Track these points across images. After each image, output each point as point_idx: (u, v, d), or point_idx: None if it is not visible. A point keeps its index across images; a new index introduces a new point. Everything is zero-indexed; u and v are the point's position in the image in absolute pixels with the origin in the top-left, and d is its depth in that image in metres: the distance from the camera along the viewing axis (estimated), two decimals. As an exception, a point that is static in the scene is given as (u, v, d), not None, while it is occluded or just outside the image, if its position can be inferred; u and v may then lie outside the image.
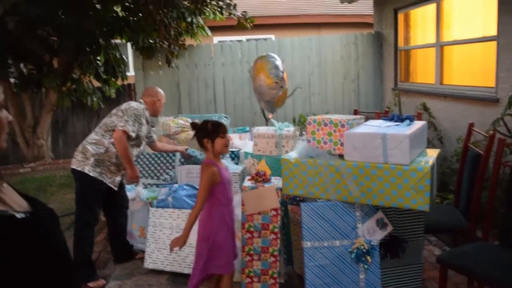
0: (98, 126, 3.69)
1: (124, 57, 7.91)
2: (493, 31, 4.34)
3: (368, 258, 2.58)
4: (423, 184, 2.38)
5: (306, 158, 2.75)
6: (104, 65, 7.67)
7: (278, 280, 3.00)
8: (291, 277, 3.35)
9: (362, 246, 2.58)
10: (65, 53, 7.17)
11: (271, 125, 4.06)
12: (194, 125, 2.86)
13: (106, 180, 3.56)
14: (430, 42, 5.62)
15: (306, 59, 7.02)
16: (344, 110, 7.06)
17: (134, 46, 6.69)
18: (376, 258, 2.61)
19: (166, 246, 3.60)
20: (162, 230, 3.67)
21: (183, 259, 3.55)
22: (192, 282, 2.77)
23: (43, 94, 8.01)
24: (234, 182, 3.58)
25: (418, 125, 2.72)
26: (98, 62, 7.60)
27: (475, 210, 3.07)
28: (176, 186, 3.87)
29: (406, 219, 2.73)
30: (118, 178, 3.68)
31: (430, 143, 5.07)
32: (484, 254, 2.60)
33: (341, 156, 2.69)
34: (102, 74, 7.68)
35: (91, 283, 3.47)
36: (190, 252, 3.45)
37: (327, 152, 2.75)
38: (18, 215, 0.97)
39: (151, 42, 6.58)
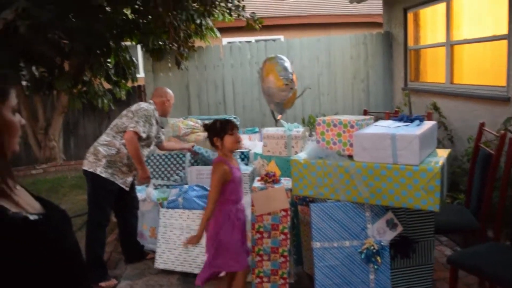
0: (109, 128, 3.72)
1: (134, 59, 7.97)
2: (504, 30, 4.30)
3: (378, 258, 2.58)
4: (433, 184, 2.37)
5: (315, 159, 2.75)
6: (114, 67, 7.74)
7: (288, 280, 3.00)
8: (301, 277, 3.35)
9: (372, 247, 2.58)
10: (76, 55, 7.23)
11: (281, 126, 4.07)
12: (205, 126, 2.92)
13: (117, 181, 3.60)
14: (440, 41, 5.58)
15: (315, 60, 7.01)
16: (353, 110, 7.04)
17: (144, 48, 6.76)
18: (386, 259, 2.61)
19: (177, 247, 3.63)
20: (172, 231, 3.70)
21: (194, 259, 3.57)
22: (200, 276, 2.83)
23: (55, 96, 8.09)
24: (244, 183, 3.59)
25: (428, 125, 2.71)
26: (109, 65, 7.67)
27: (486, 210, 3.04)
28: (186, 187, 3.90)
29: (416, 220, 2.72)
30: (129, 179, 3.71)
31: (440, 143, 5.04)
32: (495, 254, 2.58)
33: (350, 156, 2.69)
34: (112, 76, 7.75)
35: (103, 283, 3.51)
36: (200, 252, 3.48)
37: (337, 153, 2.75)
38: (31, 217, 0.99)
39: (161, 44, 6.64)
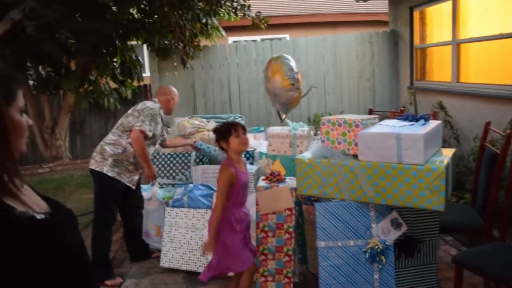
0: (115, 127, 3.74)
1: (140, 58, 8.01)
2: (511, 28, 4.27)
3: (382, 258, 2.58)
4: (438, 184, 2.37)
5: (320, 158, 2.75)
6: (120, 66, 7.79)
7: (292, 279, 3.01)
8: (306, 276, 3.36)
9: (377, 246, 2.58)
10: (82, 55, 7.28)
11: (286, 125, 4.07)
12: (214, 130, 2.93)
13: (124, 179, 3.62)
14: (446, 40, 5.55)
15: (321, 59, 7.00)
16: (359, 109, 7.02)
17: (149, 47, 6.78)
18: (390, 258, 2.61)
19: (182, 245, 3.65)
20: (177, 230, 3.71)
21: (199, 258, 3.58)
22: (205, 273, 2.83)
23: (61, 96, 8.15)
24: (249, 182, 3.60)
25: (433, 124, 2.70)
26: (115, 64, 7.72)
27: (492, 209, 3.03)
28: (191, 186, 3.91)
29: (421, 219, 2.71)
30: (136, 177, 3.73)
31: (446, 142, 5.02)
32: (500, 254, 2.57)
33: (355, 156, 2.69)
34: (118, 76, 7.80)
35: (108, 281, 3.53)
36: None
37: (341, 152, 2.74)
38: (38, 216, 1.00)
39: (167, 44, 6.66)
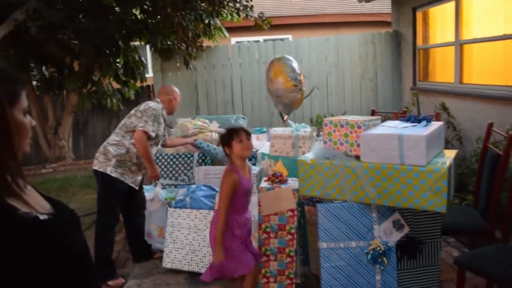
0: (118, 127, 3.74)
1: (143, 59, 8.03)
2: (514, 29, 4.27)
3: (384, 259, 2.58)
4: (440, 185, 2.37)
5: (322, 159, 2.76)
6: (123, 67, 7.80)
7: (294, 280, 3.01)
8: (308, 277, 3.36)
9: (379, 248, 2.58)
10: (85, 56, 7.30)
11: (288, 126, 4.07)
12: (220, 137, 2.95)
13: (127, 180, 3.62)
14: (449, 41, 5.55)
15: (324, 59, 7.00)
16: (362, 110, 7.02)
17: (152, 48, 6.80)
18: (392, 260, 2.61)
19: (184, 246, 3.66)
20: (180, 230, 3.72)
21: (201, 259, 3.59)
22: (207, 274, 2.82)
23: (64, 96, 8.17)
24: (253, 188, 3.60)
25: (435, 126, 2.70)
26: (118, 64, 7.73)
27: (494, 211, 3.03)
28: (194, 186, 3.92)
29: (423, 221, 2.71)
30: (139, 178, 3.74)
31: (449, 143, 5.01)
32: (503, 255, 2.56)
33: (357, 157, 2.69)
34: (121, 76, 7.81)
35: (111, 282, 3.54)
36: (208, 252, 3.50)
37: (344, 153, 2.75)
38: (41, 217, 1.01)
39: (169, 44, 6.67)
